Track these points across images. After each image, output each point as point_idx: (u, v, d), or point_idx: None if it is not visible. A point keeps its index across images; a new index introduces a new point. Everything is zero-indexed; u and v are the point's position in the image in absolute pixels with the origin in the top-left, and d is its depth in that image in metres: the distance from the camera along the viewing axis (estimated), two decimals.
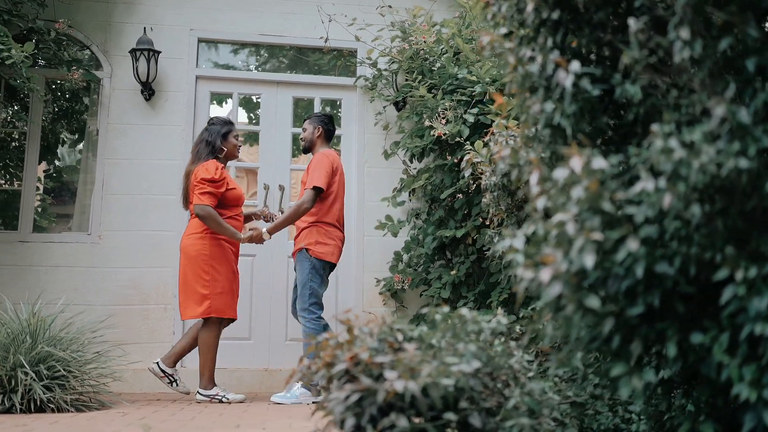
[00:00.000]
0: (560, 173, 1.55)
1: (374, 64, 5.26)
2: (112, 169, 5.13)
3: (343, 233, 4.47)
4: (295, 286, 4.42)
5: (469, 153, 3.83)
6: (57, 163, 6.08)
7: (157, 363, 4.17)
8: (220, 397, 4.14)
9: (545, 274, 1.52)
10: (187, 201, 4.31)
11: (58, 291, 4.74)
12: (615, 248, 1.49)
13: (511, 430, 1.78)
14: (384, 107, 5.39)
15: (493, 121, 4.24)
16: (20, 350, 3.41)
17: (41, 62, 5.05)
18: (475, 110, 4.43)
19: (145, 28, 5.23)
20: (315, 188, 4.25)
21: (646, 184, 1.43)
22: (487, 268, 4.82)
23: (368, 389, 1.83)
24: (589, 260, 1.45)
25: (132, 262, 5.01)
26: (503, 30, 1.97)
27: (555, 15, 1.80)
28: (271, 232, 4.30)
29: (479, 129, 4.52)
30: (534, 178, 1.64)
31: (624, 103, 1.81)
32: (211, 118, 4.53)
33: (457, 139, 4.38)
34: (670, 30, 1.48)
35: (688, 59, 1.43)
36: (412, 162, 5.18)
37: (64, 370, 3.47)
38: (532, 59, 1.86)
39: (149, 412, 3.51)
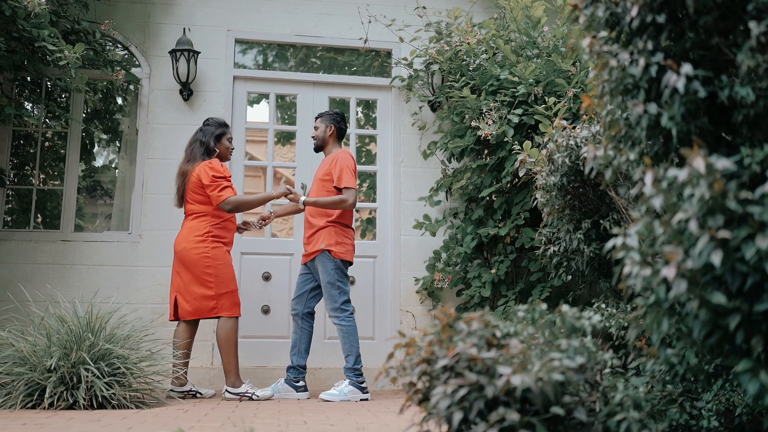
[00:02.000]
0: (680, 173, 1.59)
1: (410, 65, 5.31)
2: (152, 168, 5.17)
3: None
4: (304, 287, 4.47)
5: (520, 153, 3.87)
6: (93, 163, 6.11)
7: (171, 389, 4.18)
8: (249, 395, 4.19)
9: (670, 271, 1.56)
10: (182, 200, 4.42)
11: (102, 289, 4.79)
12: (739, 247, 1.53)
13: (619, 425, 1.83)
14: (420, 108, 5.44)
15: (538, 122, 4.29)
16: (82, 347, 3.45)
17: (85, 63, 5.08)
18: (518, 111, 4.47)
19: (184, 28, 5.27)
20: (353, 190, 4.34)
21: None
22: (526, 267, 4.87)
23: (475, 384, 1.87)
24: (717, 258, 1.49)
25: (172, 261, 5.03)
26: (603, 33, 2.00)
27: (660, 18, 1.84)
28: (306, 203, 4.36)
29: (521, 129, 4.57)
30: (649, 178, 1.68)
31: (728, 105, 1.85)
32: (207, 119, 4.59)
33: (506, 139, 4.41)
34: None
35: None
36: (450, 162, 5.22)
37: (123, 367, 3.51)
38: (634, 62, 1.90)
39: (208, 408, 3.55)
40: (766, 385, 1.50)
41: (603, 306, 2.99)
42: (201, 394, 4.32)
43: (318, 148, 4.61)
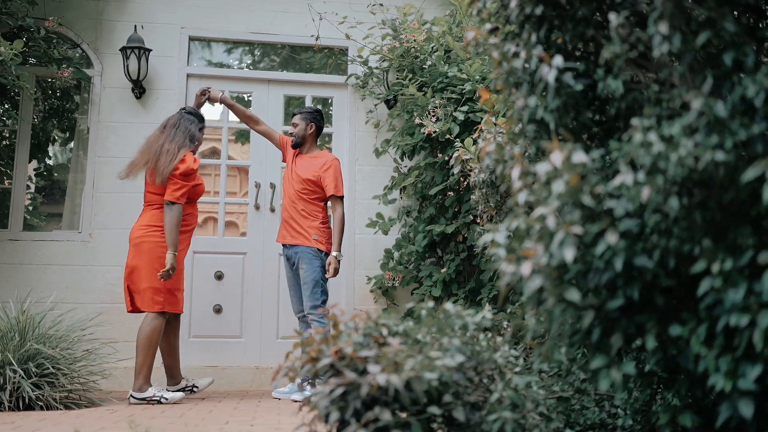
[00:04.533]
0: (542, 167, 1.56)
1: (365, 63, 5.27)
2: (103, 167, 5.12)
3: None
4: (298, 287, 4.44)
5: (458, 150, 3.84)
6: (47, 161, 6.06)
7: (167, 388, 4.18)
8: (157, 398, 3.85)
9: (526, 268, 1.53)
10: (162, 177, 4.06)
11: (49, 289, 4.74)
12: (595, 242, 1.50)
13: (494, 424, 1.79)
14: (375, 105, 5.40)
15: (482, 119, 4.26)
16: (8, 348, 3.40)
17: (31, 60, 5.03)
18: (464, 108, 4.44)
19: (135, 26, 5.22)
20: (342, 197, 4.45)
21: (625, 177, 1.44)
22: (477, 266, 4.83)
23: (352, 383, 1.83)
24: (569, 254, 1.46)
25: (122, 260, 4.94)
26: (488, 26, 1.97)
27: (538, 10, 1.81)
28: (339, 250, 4.38)
29: (469, 127, 4.53)
30: (516, 173, 1.65)
31: (607, 98, 1.82)
32: (187, 107, 4.45)
33: (447, 136, 4.38)
34: (650, 25, 1.49)
35: (667, 54, 1.45)
36: (402, 160, 5.19)
37: (53, 367, 3.46)
38: (516, 55, 1.87)
39: (139, 409, 3.51)
40: (616, 383, 1.47)
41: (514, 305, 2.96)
42: (198, 387, 4.29)
43: (297, 145, 4.59)
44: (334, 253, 4.35)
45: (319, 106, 5.83)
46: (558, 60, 1.69)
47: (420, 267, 5.01)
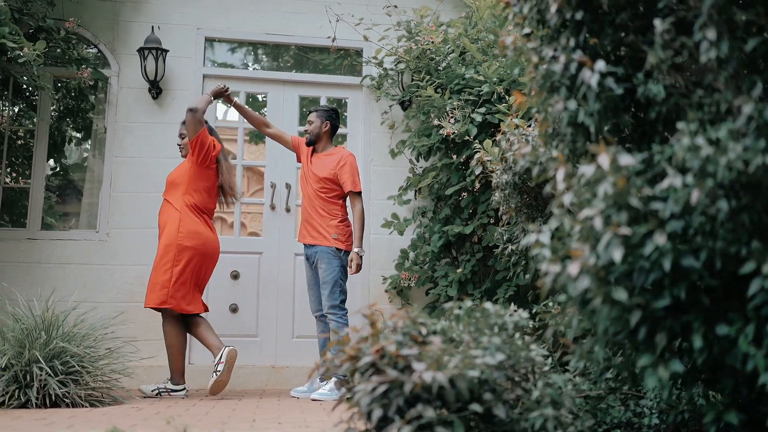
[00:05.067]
0: (587, 170, 1.59)
1: (380, 64, 5.31)
2: (120, 167, 5.16)
3: None
4: (318, 287, 4.47)
5: (479, 151, 3.87)
6: (63, 161, 6.10)
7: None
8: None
9: (573, 268, 1.56)
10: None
11: (68, 288, 4.77)
12: (642, 243, 1.53)
13: (534, 422, 1.83)
14: (390, 106, 5.44)
15: (501, 120, 4.30)
16: (35, 346, 3.44)
17: (50, 61, 5.07)
18: (482, 109, 4.47)
19: (153, 26, 5.26)
20: (360, 192, 4.46)
21: (673, 180, 1.47)
22: (493, 266, 4.86)
23: (395, 381, 1.87)
24: (617, 254, 1.49)
25: (140, 259, 5.03)
26: (526, 30, 2.00)
27: (578, 15, 1.84)
28: (360, 246, 4.40)
29: (486, 128, 4.57)
30: (560, 175, 1.68)
31: (644, 102, 1.85)
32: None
33: (466, 138, 4.42)
34: (696, 31, 1.52)
35: (714, 59, 1.48)
36: (418, 161, 5.23)
37: (78, 365, 3.50)
38: (554, 59, 1.90)
39: (163, 407, 3.54)
40: (663, 380, 1.50)
41: (550, 304, 2.99)
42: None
43: (311, 143, 4.62)
44: (355, 249, 4.36)
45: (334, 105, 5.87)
46: (601, 64, 1.73)
47: (435, 267, 5.05)
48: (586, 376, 2.54)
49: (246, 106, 4.73)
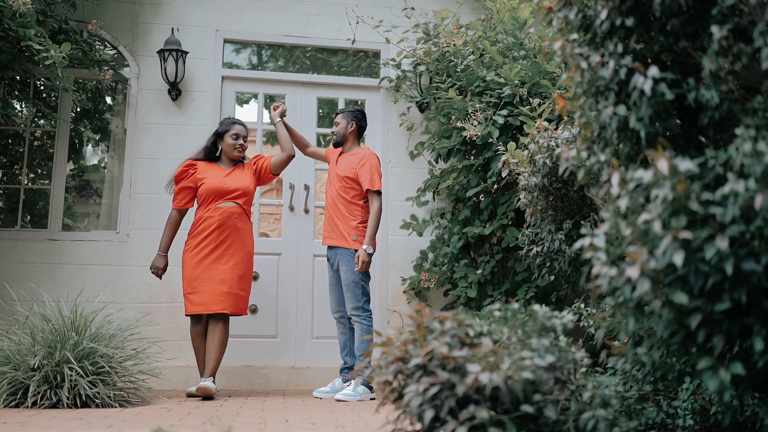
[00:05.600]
0: (645, 174, 1.62)
1: (398, 66, 5.33)
2: (140, 168, 5.18)
3: None
4: (339, 288, 4.49)
5: (503, 154, 3.90)
6: (81, 162, 6.12)
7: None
8: None
9: (633, 271, 1.58)
10: None
11: (89, 289, 4.79)
12: (701, 247, 1.55)
13: (586, 422, 1.85)
14: (408, 108, 5.46)
15: (523, 123, 4.32)
16: (66, 346, 3.46)
17: (72, 62, 5.09)
18: (504, 112, 4.49)
19: (172, 28, 5.28)
20: (379, 191, 4.44)
21: (735, 185, 1.49)
22: (512, 267, 4.89)
23: (446, 382, 1.89)
24: (678, 258, 1.51)
25: None
26: (573, 36, 2.03)
27: (629, 22, 1.87)
28: (369, 244, 4.35)
29: (507, 130, 4.59)
30: (615, 179, 1.71)
31: (694, 107, 1.88)
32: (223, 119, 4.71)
33: (490, 140, 4.44)
34: (756, 38, 1.54)
35: None
36: (437, 162, 5.25)
37: (107, 366, 3.52)
38: (604, 64, 1.93)
39: (192, 407, 3.56)
40: (725, 382, 1.52)
41: (582, 306, 3.02)
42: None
43: (337, 144, 4.65)
44: (364, 247, 4.32)
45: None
46: (654, 70, 1.75)
47: (454, 269, 5.07)
48: (621, 378, 2.56)
49: (291, 127, 4.79)
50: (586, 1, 2.06)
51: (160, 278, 4.48)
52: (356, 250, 4.38)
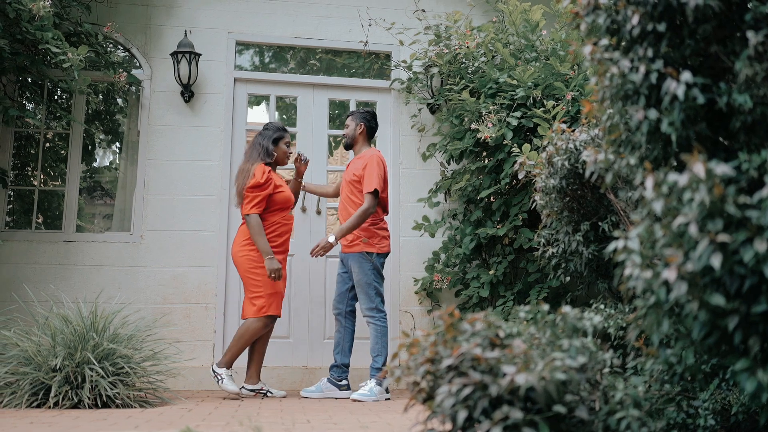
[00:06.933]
0: (681, 178, 1.64)
1: (410, 67, 5.35)
2: (153, 169, 5.21)
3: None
4: (343, 286, 4.51)
5: (518, 155, 3.92)
6: (94, 164, 6.14)
7: (243, 387, 4.36)
8: (264, 391, 4.34)
9: (671, 273, 1.61)
10: (241, 198, 4.41)
11: (104, 290, 4.82)
12: (737, 249, 1.57)
13: (619, 423, 1.87)
14: (419, 110, 5.49)
15: (537, 125, 4.35)
16: (87, 347, 3.48)
17: (87, 65, 5.12)
18: (517, 113, 4.52)
19: (185, 30, 5.31)
20: (375, 192, 4.38)
21: None
22: (524, 268, 4.92)
23: (479, 383, 1.91)
24: (716, 260, 1.54)
25: (173, 261, 5.09)
26: (605, 41, 2.05)
27: (661, 27, 1.89)
28: (337, 237, 4.37)
29: (520, 132, 4.61)
30: (650, 183, 1.73)
31: (726, 111, 1.90)
32: (267, 123, 4.65)
33: (505, 142, 4.46)
34: None
35: None
36: (449, 164, 5.27)
37: (126, 366, 3.54)
38: (634, 69, 1.95)
39: (211, 408, 3.59)
40: (763, 384, 1.55)
41: (602, 307, 3.04)
42: (272, 393, 4.41)
43: (348, 146, 4.69)
44: (330, 237, 4.34)
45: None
46: (687, 75, 1.77)
47: (466, 269, 5.09)
48: (648, 379, 2.59)
49: (315, 188, 4.90)
50: (615, 6, 2.08)
51: (281, 278, 4.39)
52: (367, 252, 4.40)
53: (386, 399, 4.22)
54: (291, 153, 4.55)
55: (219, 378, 4.23)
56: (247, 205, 4.30)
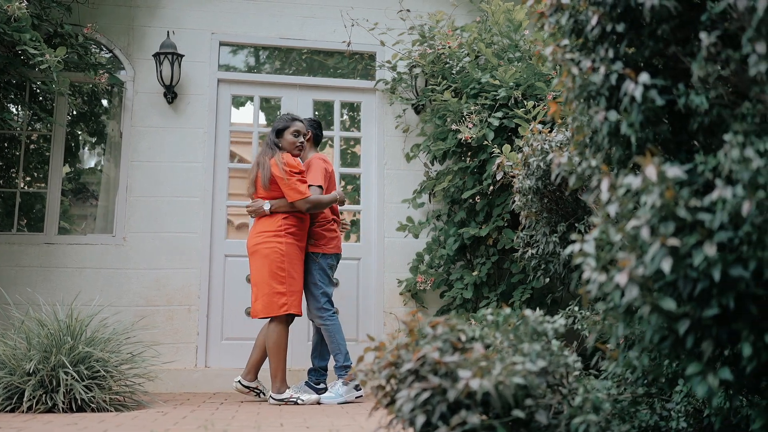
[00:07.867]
0: (634, 181, 1.62)
1: (394, 68, 5.33)
2: (136, 171, 5.19)
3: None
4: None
5: (498, 156, 3.90)
6: (78, 165, 6.12)
7: (239, 381, 4.30)
8: (294, 400, 4.07)
9: (622, 278, 1.59)
10: (254, 188, 4.32)
11: (86, 292, 4.80)
12: (689, 253, 1.56)
13: (578, 427, 1.85)
14: (404, 110, 5.47)
15: (518, 125, 4.33)
16: (62, 351, 3.46)
17: (67, 66, 5.09)
18: (499, 114, 4.50)
19: (168, 31, 5.29)
20: (319, 186, 4.34)
21: (723, 191, 1.50)
22: (508, 269, 4.89)
23: (438, 387, 1.89)
24: (666, 265, 1.52)
25: (156, 263, 5.06)
26: (564, 42, 2.03)
27: (620, 27, 1.87)
28: (272, 207, 4.25)
29: (502, 132, 4.60)
30: (605, 185, 1.71)
31: (684, 112, 1.88)
32: (281, 115, 4.62)
33: (486, 142, 4.44)
34: (744, 44, 1.55)
35: (764, 72, 1.51)
36: (433, 164, 5.25)
37: (102, 370, 3.52)
38: (595, 69, 1.93)
39: (187, 411, 3.56)
40: (713, 388, 1.53)
41: (576, 309, 3.02)
42: (264, 395, 4.34)
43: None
44: (266, 205, 4.23)
45: (344, 111, 5.88)
46: (645, 76, 1.75)
47: (450, 270, 5.07)
48: (614, 381, 2.57)
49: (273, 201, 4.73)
50: (578, 6, 2.06)
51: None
52: (313, 253, 4.34)
53: (357, 397, 4.18)
54: (300, 143, 4.40)
55: (294, 401, 4.04)
56: (299, 187, 4.18)
